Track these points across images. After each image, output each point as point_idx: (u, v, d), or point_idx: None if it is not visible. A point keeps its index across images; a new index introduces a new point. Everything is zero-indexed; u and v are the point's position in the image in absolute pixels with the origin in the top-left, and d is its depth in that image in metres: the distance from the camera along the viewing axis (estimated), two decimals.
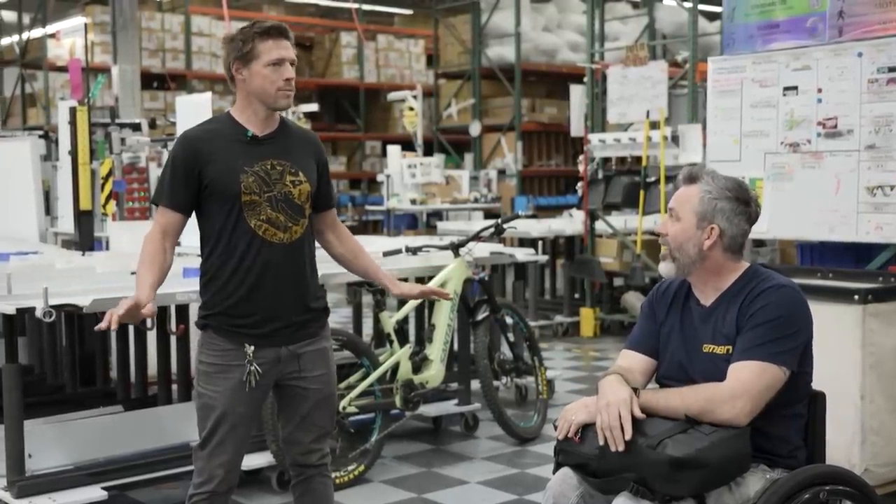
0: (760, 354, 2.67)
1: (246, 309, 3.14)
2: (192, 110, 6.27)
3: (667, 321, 2.94)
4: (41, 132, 9.55)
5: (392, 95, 12.78)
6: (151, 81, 15.19)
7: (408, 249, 5.63)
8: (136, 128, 8.01)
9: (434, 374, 5.35)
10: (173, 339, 5.14)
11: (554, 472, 2.81)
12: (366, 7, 17.69)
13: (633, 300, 8.68)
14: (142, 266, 3.14)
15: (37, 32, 16.12)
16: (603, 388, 2.72)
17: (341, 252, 3.45)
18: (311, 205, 3.24)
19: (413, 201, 11.10)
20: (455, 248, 5.55)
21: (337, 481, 4.70)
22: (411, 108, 11.76)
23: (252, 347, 3.13)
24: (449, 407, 5.82)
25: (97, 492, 4.30)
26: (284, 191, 3.16)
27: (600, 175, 9.01)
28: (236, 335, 3.15)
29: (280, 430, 3.40)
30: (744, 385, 2.64)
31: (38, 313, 4.06)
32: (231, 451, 3.18)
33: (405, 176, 11.14)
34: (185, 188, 3.13)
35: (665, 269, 2.91)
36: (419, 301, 5.58)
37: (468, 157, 14.52)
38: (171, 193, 3.15)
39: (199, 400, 3.20)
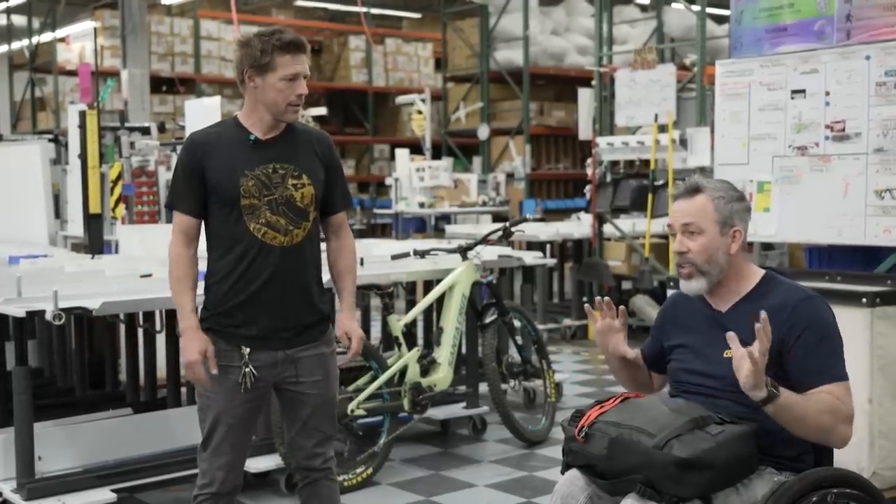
0: (841, 374, 2.71)
1: (245, 312, 3.16)
2: (202, 114, 6.30)
3: (677, 332, 2.95)
4: (51, 136, 9.58)
5: (400, 99, 12.81)
6: (160, 85, 15.25)
7: (416, 252, 5.64)
8: (145, 131, 8.04)
9: (442, 377, 5.35)
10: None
11: (562, 473, 2.82)
12: (374, 11, 17.73)
13: (642, 304, 8.68)
14: (179, 292, 3.16)
15: (46, 37, 16.20)
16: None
17: (330, 265, 3.42)
18: (316, 208, 3.24)
19: (421, 205, 11.11)
20: (463, 251, 5.56)
21: (345, 484, 4.71)
22: (420, 112, 11.78)
23: (248, 350, 3.15)
24: (457, 410, 5.82)
25: (106, 494, 4.32)
26: (286, 194, 3.16)
27: (608, 178, 9.01)
28: (233, 337, 3.17)
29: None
30: (852, 409, 2.68)
31: (48, 316, 4.08)
32: (230, 453, 3.21)
33: (413, 179, 11.16)
34: (197, 191, 3.16)
35: (695, 286, 2.85)
36: (427, 304, 5.59)
37: (476, 161, 14.53)
38: (188, 198, 3.17)
39: (198, 401, 3.25)
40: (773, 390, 2.57)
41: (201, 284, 3.37)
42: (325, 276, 3.38)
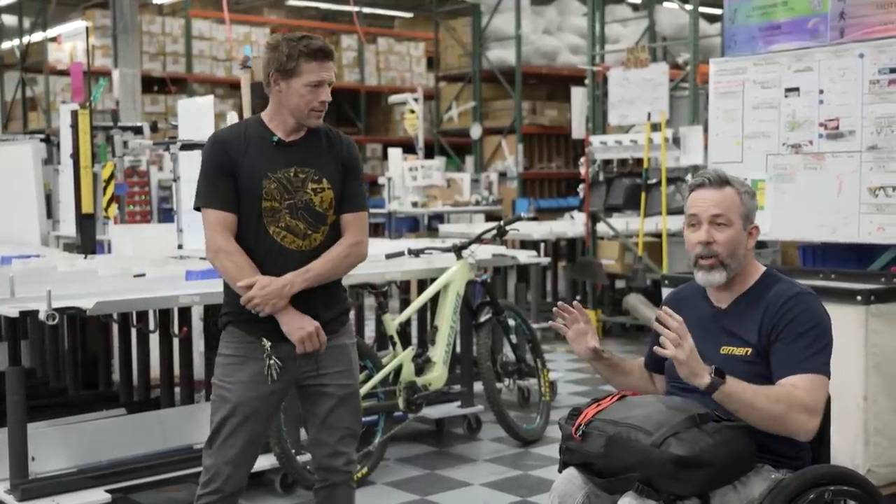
0: (815, 367, 2.68)
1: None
2: (195, 113, 6.27)
3: None
4: (42, 136, 9.53)
5: (393, 98, 12.81)
6: (152, 85, 15.20)
7: (410, 252, 5.64)
8: (137, 131, 8.01)
9: (437, 376, 5.35)
10: (176, 342, 5.13)
11: (559, 472, 2.81)
12: (366, 10, 17.71)
13: (635, 302, 8.68)
14: (249, 278, 3.09)
15: (37, 36, 16.14)
16: None
17: None
18: (335, 212, 3.23)
19: (414, 204, 11.10)
20: (457, 250, 5.56)
21: None
22: (412, 111, 11.78)
23: (269, 343, 3.14)
24: (452, 409, 5.81)
25: (100, 495, 4.29)
26: (305, 199, 3.16)
27: (601, 177, 9.01)
28: (255, 329, 3.16)
29: (289, 434, 3.39)
30: (816, 401, 2.65)
31: (42, 316, 4.06)
32: (239, 446, 3.17)
33: (406, 179, 11.16)
34: (230, 187, 3.14)
35: (716, 278, 2.83)
36: (422, 303, 5.59)
37: (469, 160, 14.54)
38: (223, 195, 3.13)
39: (214, 393, 3.22)
40: (717, 378, 2.57)
41: (192, 284, 3.37)
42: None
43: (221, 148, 3.17)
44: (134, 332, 5.39)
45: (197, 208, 3.21)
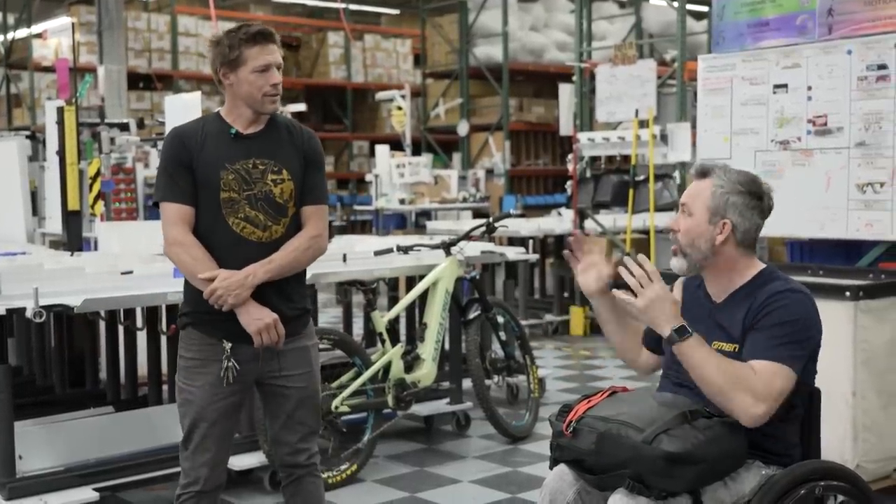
0: (780, 356, 2.65)
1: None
2: (182, 110, 6.24)
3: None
4: (27, 133, 9.48)
5: (380, 95, 12.79)
6: (137, 82, 15.14)
7: (399, 249, 5.63)
8: (124, 128, 7.98)
9: (426, 373, 5.34)
10: (164, 339, 5.11)
11: (550, 468, 2.81)
12: (353, 7, 17.68)
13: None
14: (207, 271, 3.07)
15: (22, 32, 16.05)
16: None
17: None
18: (295, 203, 3.21)
19: (402, 201, 11.10)
20: (446, 247, 5.55)
21: (329, 481, 4.69)
22: (399, 108, 11.77)
23: (230, 344, 3.13)
24: (441, 406, 5.81)
25: (88, 493, 4.28)
26: (265, 190, 3.14)
27: (589, 174, 9.02)
28: (215, 331, 3.14)
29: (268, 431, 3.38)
30: (769, 388, 2.61)
31: (29, 313, 4.03)
32: (214, 449, 3.18)
33: (394, 176, 11.14)
34: (188, 180, 3.12)
35: (676, 265, 2.87)
36: (411, 300, 5.58)
37: (456, 157, 14.55)
38: (181, 188, 3.12)
39: (179, 396, 3.21)
40: (674, 334, 2.60)
41: (180, 281, 3.31)
42: (311, 272, 3.34)
43: (179, 141, 3.15)
44: (121, 329, 5.36)
45: (156, 204, 3.20)
